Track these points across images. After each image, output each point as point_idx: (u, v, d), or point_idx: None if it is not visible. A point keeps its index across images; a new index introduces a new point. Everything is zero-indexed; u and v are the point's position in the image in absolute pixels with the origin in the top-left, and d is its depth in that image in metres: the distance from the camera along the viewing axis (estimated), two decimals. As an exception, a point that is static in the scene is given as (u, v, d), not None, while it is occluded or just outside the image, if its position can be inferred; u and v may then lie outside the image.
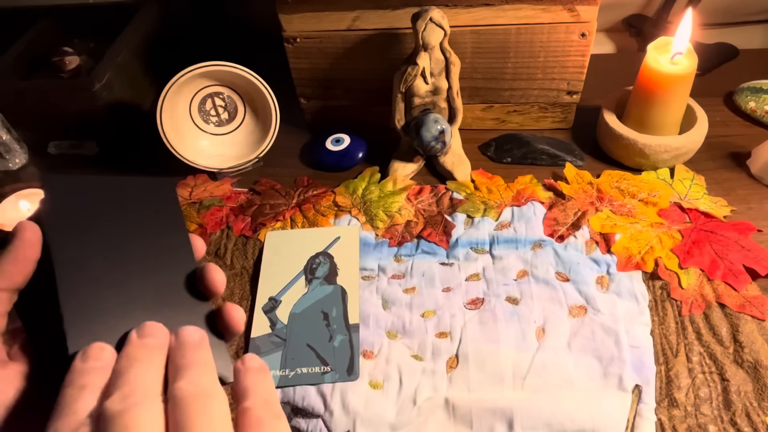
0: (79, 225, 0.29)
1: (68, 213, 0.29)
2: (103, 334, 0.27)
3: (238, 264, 0.55)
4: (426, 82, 0.57)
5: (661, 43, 0.56)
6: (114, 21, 0.75)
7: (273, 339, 0.48)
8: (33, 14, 0.78)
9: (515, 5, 0.56)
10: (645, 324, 0.46)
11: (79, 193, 0.30)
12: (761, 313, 0.45)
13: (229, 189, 0.63)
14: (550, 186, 0.59)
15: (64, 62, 0.73)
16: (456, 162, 0.61)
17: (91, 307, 0.28)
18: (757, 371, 0.42)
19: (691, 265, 0.49)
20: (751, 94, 0.66)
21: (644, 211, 0.55)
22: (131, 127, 0.71)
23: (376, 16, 0.59)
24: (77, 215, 0.29)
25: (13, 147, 0.68)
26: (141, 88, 0.74)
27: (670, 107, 0.57)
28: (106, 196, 0.31)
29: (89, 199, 0.30)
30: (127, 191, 0.32)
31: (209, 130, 0.65)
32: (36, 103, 0.68)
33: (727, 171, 0.59)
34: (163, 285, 0.31)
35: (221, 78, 0.62)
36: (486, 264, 0.52)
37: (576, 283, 0.49)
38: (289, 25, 0.60)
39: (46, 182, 0.29)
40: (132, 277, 0.30)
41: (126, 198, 0.32)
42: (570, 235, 0.53)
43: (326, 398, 0.43)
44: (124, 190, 0.32)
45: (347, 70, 0.64)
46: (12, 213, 0.56)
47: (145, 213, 0.32)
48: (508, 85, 0.63)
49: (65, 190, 0.29)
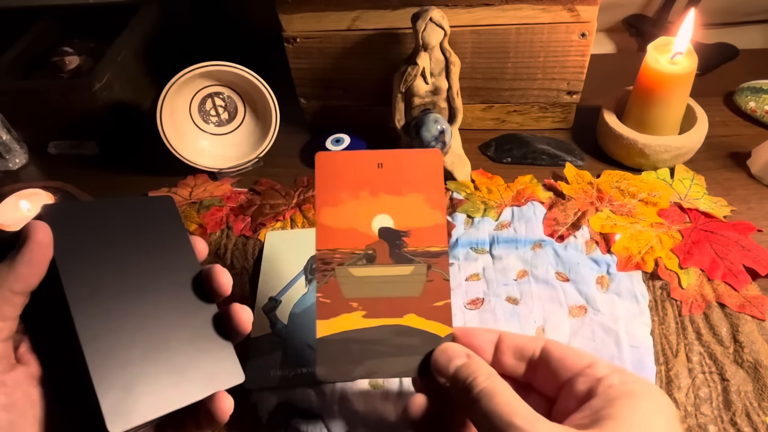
0: (85, 250, 0.29)
1: (72, 239, 0.29)
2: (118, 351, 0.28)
3: (238, 264, 0.55)
4: (426, 82, 0.57)
5: (661, 43, 0.56)
6: (114, 21, 0.75)
7: (273, 339, 0.48)
8: (33, 14, 0.78)
9: (515, 5, 0.56)
10: (645, 324, 0.46)
11: (80, 219, 0.30)
12: (761, 313, 0.45)
13: (229, 189, 0.63)
14: (550, 186, 0.59)
15: (64, 62, 0.73)
16: (456, 162, 0.61)
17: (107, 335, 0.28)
18: (757, 371, 0.42)
19: (691, 265, 0.49)
20: (751, 94, 0.66)
21: (644, 211, 0.55)
22: (131, 127, 0.71)
23: (376, 16, 0.59)
24: (81, 241, 0.29)
25: (13, 147, 0.68)
26: (141, 88, 0.74)
27: (670, 107, 0.57)
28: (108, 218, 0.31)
29: (91, 224, 0.31)
30: (127, 211, 0.32)
31: (209, 130, 0.65)
32: (36, 103, 0.68)
33: (727, 171, 0.59)
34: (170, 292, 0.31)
35: (221, 78, 0.62)
36: (486, 264, 0.52)
37: (576, 283, 0.49)
38: (289, 25, 0.60)
39: (47, 212, 0.29)
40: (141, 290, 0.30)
41: (127, 217, 0.32)
42: (570, 235, 0.53)
43: (326, 398, 0.43)
44: (124, 210, 0.32)
45: (347, 70, 0.64)
46: (12, 213, 0.56)
47: (147, 228, 0.32)
48: (508, 85, 0.63)
49: (66, 218, 0.29)
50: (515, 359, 0.32)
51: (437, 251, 0.37)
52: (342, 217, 0.38)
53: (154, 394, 0.28)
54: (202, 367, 0.30)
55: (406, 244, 0.38)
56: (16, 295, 0.27)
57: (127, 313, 0.29)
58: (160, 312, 0.30)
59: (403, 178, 0.39)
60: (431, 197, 0.38)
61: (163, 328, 0.30)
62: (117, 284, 0.30)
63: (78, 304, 0.28)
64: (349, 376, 0.34)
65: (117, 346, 0.28)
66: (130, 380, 0.28)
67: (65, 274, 0.28)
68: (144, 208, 0.33)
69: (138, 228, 0.32)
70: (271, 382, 0.44)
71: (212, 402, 0.30)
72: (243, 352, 0.47)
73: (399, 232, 0.38)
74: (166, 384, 0.29)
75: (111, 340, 0.28)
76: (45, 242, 0.28)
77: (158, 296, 0.31)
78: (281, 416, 0.43)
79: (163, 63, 0.77)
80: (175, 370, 0.29)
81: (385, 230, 0.38)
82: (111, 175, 0.68)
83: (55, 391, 0.28)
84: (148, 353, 0.29)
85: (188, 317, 0.31)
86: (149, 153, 0.67)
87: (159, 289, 0.31)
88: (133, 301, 0.30)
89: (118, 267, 0.30)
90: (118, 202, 0.32)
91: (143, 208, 0.33)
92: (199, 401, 0.30)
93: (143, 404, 0.27)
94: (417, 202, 0.38)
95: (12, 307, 0.27)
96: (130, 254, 0.31)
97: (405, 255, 0.38)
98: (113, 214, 0.31)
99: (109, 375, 0.27)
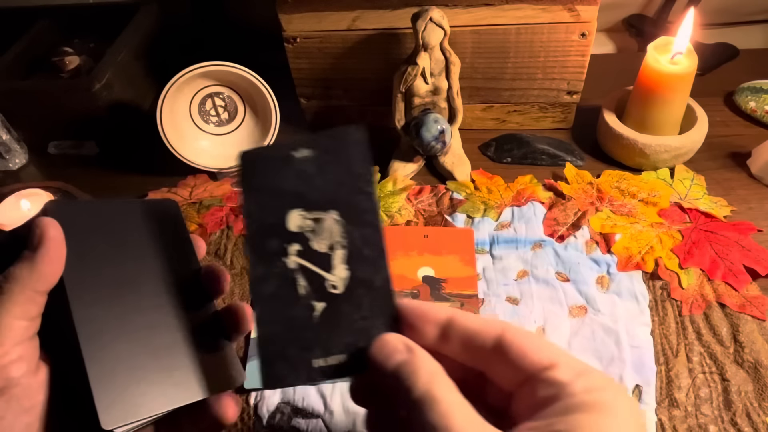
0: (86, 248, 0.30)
1: (74, 237, 0.29)
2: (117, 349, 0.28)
3: (238, 264, 0.55)
4: (426, 82, 0.57)
5: (662, 43, 0.56)
6: (114, 21, 0.75)
7: (273, 339, 0.48)
8: (33, 14, 0.78)
9: (515, 5, 0.56)
10: (645, 324, 0.46)
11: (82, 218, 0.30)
12: (761, 313, 0.45)
13: (229, 189, 0.63)
14: (550, 186, 0.59)
15: (64, 62, 0.73)
16: (456, 162, 0.61)
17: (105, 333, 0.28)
18: (758, 371, 0.42)
19: (692, 265, 0.49)
20: (751, 94, 0.66)
21: (644, 211, 0.55)
22: (131, 127, 0.71)
23: (376, 16, 0.59)
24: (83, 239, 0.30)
25: (13, 147, 0.68)
26: (141, 88, 0.74)
27: (670, 107, 0.57)
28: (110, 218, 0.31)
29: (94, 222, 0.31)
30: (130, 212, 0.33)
31: (209, 130, 0.65)
32: (36, 103, 0.68)
33: (727, 171, 0.59)
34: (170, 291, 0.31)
35: (221, 78, 0.62)
36: (486, 264, 0.52)
37: (576, 283, 0.49)
38: (289, 25, 0.60)
39: (52, 210, 0.29)
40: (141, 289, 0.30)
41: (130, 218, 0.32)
42: (570, 235, 0.53)
43: (326, 398, 0.43)
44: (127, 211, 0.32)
45: (347, 70, 0.64)
46: (12, 213, 0.56)
47: (150, 230, 0.32)
48: (508, 85, 0.63)
49: (69, 216, 0.29)
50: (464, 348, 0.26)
51: (469, 294, 0.49)
52: (395, 267, 0.49)
53: (151, 393, 0.28)
54: (201, 367, 0.30)
55: (443, 288, 0.50)
56: (40, 294, 0.27)
57: (127, 311, 0.29)
58: (160, 311, 0.30)
59: (442, 244, 0.53)
60: (465, 258, 0.52)
61: (163, 327, 0.30)
62: (117, 283, 0.30)
63: (78, 301, 0.28)
64: None
65: (115, 345, 0.28)
66: (127, 378, 0.27)
67: (66, 271, 0.28)
68: (148, 210, 0.33)
69: (141, 229, 0.32)
70: (271, 382, 0.44)
71: (218, 404, 0.30)
72: (243, 352, 0.47)
73: (438, 279, 0.50)
74: (163, 383, 0.29)
75: (109, 338, 0.28)
76: (60, 239, 0.27)
77: (158, 296, 0.31)
78: (281, 416, 0.43)
79: (163, 63, 0.77)
80: (174, 369, 0.29)
81: (428, 277, 0.51)
82: (111, 175, 0.68)
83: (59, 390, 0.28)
84: (147, 352, 0.29)
85: (189, 317, 0.31)
86: (149, 153, 0.67)
87: (159, 289, 0.31)
88: (133, 299, 0.30)
89: (118, 266, 0.30)
90: (121, 203, 0.32)
91: (147, 210, 0.33)
92: (199, 402, 0.30)
93: (139, 402, 0.27)
94: (453, 260, 0.51)
95: (37, 306, 0.27)
96: (131, 254, 0.31)
97: (443, 295, 0.49)
98: (116, 215, 0.31)
99: (106, 372, 0.27)
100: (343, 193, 0.28)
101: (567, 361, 0.24)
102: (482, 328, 0.26)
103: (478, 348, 0.26)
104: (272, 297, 0.27)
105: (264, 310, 0.27)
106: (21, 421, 0.26)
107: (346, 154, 0.29)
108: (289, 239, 0.28)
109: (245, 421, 0.43)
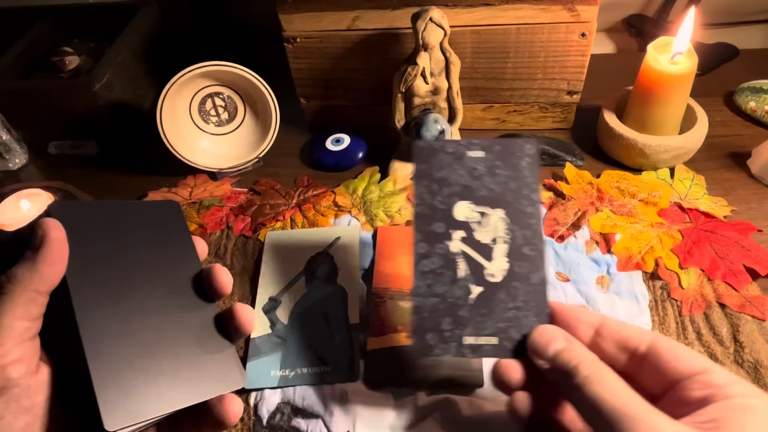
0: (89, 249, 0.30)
1: (77, 238, 0.29)
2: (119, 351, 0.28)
3: (238, 264, 0.55)
4: (426, 82, 0.57)
5: (662, 43, 0.56)
6: (114, 21, 0.75)
7: (273, 339, 0.48)
8: (33, 14, 0.78)
9: (515, 5, 0.56)
10: (645, 324, 0.46)
11: (85, 218, 0.30)
12: (761, 313, 0.45)
13: (229, 189, 0.63)
14: (550, 186, 0.59)
15: (64, 62, 0.73)
16: (456, 162, 0.61)
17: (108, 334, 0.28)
18: (758, 371, 0.42)
19: (692, 265, 0.49)
20: (751, 94, 0.66)
21: (644, 211, 0.55)
22: (131, 127, 0.71)
23: (375, 16, 0.59)
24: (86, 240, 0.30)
25: (13, 147, 0.68)
26: (141, 88, 0.74)
27: (670, 107, 0.57)
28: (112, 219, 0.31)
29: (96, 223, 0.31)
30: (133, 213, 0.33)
31: (209, 130, 0.65)
32: (36, 103, 0.68)
33: (727, 171, 0.59)
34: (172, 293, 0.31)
35: (221, 78, 0.62)
36: (486, 264, 0.52)
37: (576, 283, 0.49)
38: (289, 25, 0.60)
39: (55, 210, 0.29)
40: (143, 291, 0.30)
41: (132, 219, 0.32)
42: (570, 235, 0.53)
43: (326, 398, 0.43)
44: (130, 212, 0.33)
45: (347, 70, 0.64)
46: (12, 213, 0.55)
47: (152, 231, 0.33)
48: (508, 85, 0.63)
49: (72, 217, 0.29)
50: (617, 349, 0.30)
51: None
52: (396, 265, 0.50)
53: (154, 395, 0.28)
54: (203, 369, 0.30)
55: None
56: (41, 295, 0.27)
57: (130, 313, 0.29)
58: (162, 313, 0.30)
59: None
60: None
61: (165, 329, 0.30)
62: (120, 284, 0.30)
63: (80, 302, 0.28)
64: (395, 382, 0.42)
65: (118, 346, 0.28)
66: (130, 380, 0.27)
67: (69, 272, 0.28)
68: (150, 211, 0.33)
69: (143, 230, 0.32)
70: (271, 382, 0.44)
71: (221, 405, 0.30)
72: (243, 352, 0.47)
73: None
74: (166, 385, 0.29)
75: (112, 339, 0.28)
76: (62, 240, 0.28)
77: (161, 297, 0.31)
78: (281, 416, 0.43)
79: (162, 63, 0.77)
80: (176, 371, 0.29)
81: None
82: (111, 175, 0.68)
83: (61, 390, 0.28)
84: (149, 354, 0.29)
85: (191, 318, 0.31)
86: (149, 153, 0.67)
87: (161, 291, 0.31)
88: (135, 301, 0.30)
89: (121, 267, 0.30)
90: (123, 204, 0.32)
91: (149, 211, 0.33)
92: (201, 404, 0.30)
93: (142, 404, 0.27)
94: None
95: (38, 306, 0.27)
96: (133, 255, 0.31)
97: None
98: (118, 216, 0.31)
99: (109, 374, 0.27)
100: (511, 196, 0.32)
101: (719, 368, 0.27)
102: (635, 333, 0.30)
103: (631, 351, 0.29)
104: (432, 273, 0.31)
105: (423, 284, 0.31)
106: (20, 421, 0.26)
107: (517, 163, 0.33)
108: (455, 226, 0.32)
109: (245, 421, 0.43)
